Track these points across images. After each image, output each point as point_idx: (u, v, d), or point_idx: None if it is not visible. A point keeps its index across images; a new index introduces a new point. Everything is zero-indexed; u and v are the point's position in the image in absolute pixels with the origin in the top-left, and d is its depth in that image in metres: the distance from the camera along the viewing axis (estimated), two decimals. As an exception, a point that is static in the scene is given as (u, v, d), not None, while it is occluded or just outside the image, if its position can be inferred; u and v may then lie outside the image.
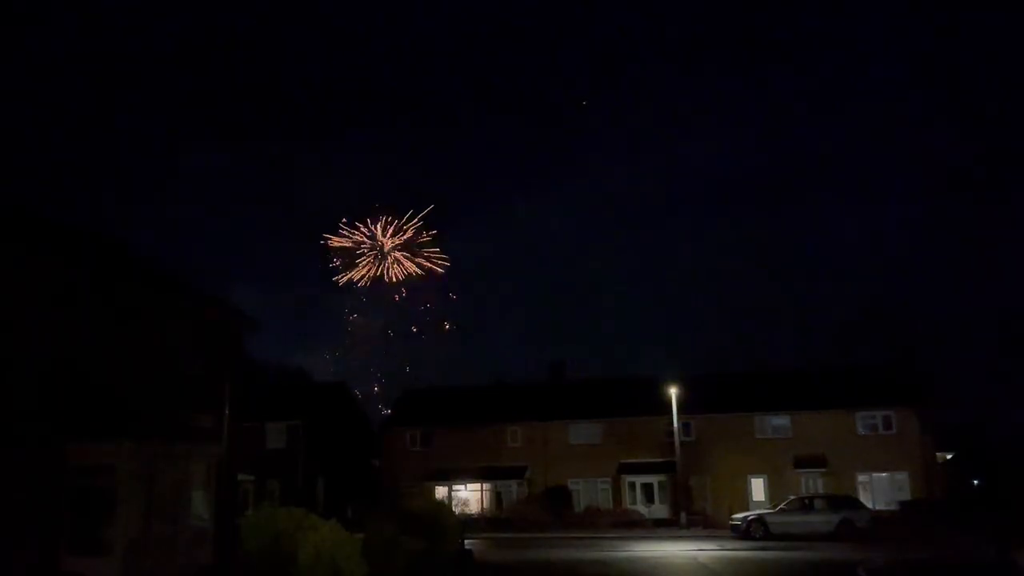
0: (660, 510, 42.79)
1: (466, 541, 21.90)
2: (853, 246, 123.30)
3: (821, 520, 30.17)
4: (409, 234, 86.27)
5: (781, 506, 31.96)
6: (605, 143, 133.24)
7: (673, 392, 40.80)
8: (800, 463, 41.67)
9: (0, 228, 15.07)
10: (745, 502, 40.53)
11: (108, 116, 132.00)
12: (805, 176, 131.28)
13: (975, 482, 49.04)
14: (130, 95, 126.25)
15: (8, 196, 18.87)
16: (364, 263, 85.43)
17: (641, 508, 43.18)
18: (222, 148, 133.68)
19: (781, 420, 43.12)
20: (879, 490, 40.46)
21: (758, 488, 42.23)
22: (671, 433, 41.55)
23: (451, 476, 45.75)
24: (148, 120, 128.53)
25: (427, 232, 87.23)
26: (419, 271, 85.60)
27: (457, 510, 36.33)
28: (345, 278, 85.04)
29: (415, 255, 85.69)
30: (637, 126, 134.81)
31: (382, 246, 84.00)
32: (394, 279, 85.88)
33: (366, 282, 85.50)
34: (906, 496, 39.65)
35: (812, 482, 41.12)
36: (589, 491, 44.58)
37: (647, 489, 43.69)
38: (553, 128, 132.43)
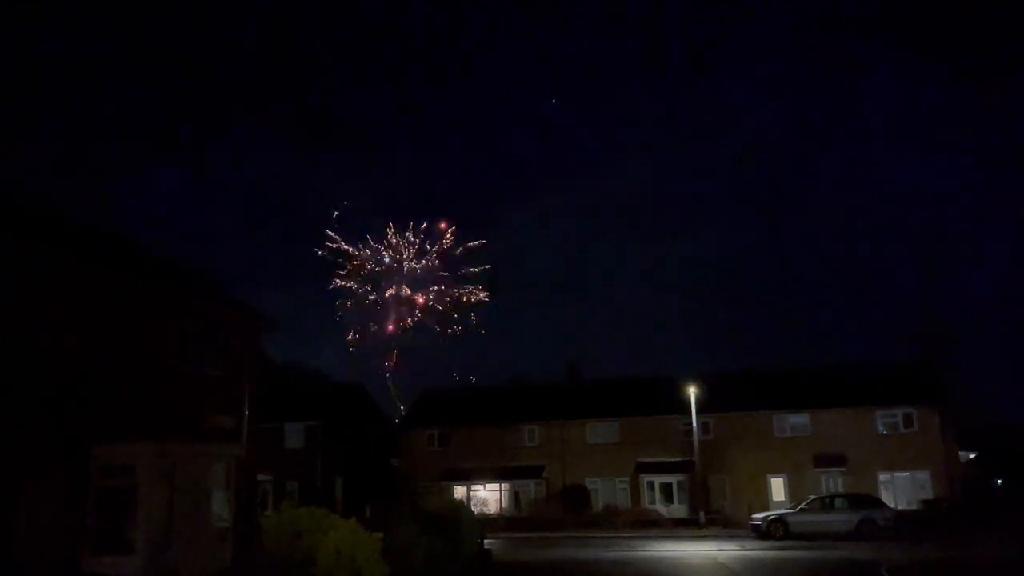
0: (679, 509, 42.62)
1: (485, 541, 21.93)
2: (875, 240, 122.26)
3: (842, 519, 29.96)
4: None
5: (801, 505, 31.77)
6: (616, 142, 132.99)
7: (691, 391, 40.65)
8: (820, 462, 41.35)
9: (23, 229, 15.25)
10: (765, 501, 40.31)
11: (126, 115, 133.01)
12: (824, 168, 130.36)
13: (998, 481, 48.51)
14: (137, 91, 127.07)
15: (30, 198, 19.07)
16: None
17: (660, 507, 43.05)
18: (233, 151, 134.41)
19: (800, 418, 42.82)
20: (901, 489, 40.08)
21: (778, 487, 41.95)
22: (689, 432, 41.43)
23: (469, 476, 45.81)
24: (157, 121, 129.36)
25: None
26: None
27: (476, 510, 36.37)
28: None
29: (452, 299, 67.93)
30: (647, 124, 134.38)
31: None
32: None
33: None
34: (928, 495, 39.24)
35: (832, 481, 40.80)
36: (607, 490, 44.48)
37: (666, 488, 43.55)
38: (562, 128, 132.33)
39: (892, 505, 34.99)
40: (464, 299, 65.80)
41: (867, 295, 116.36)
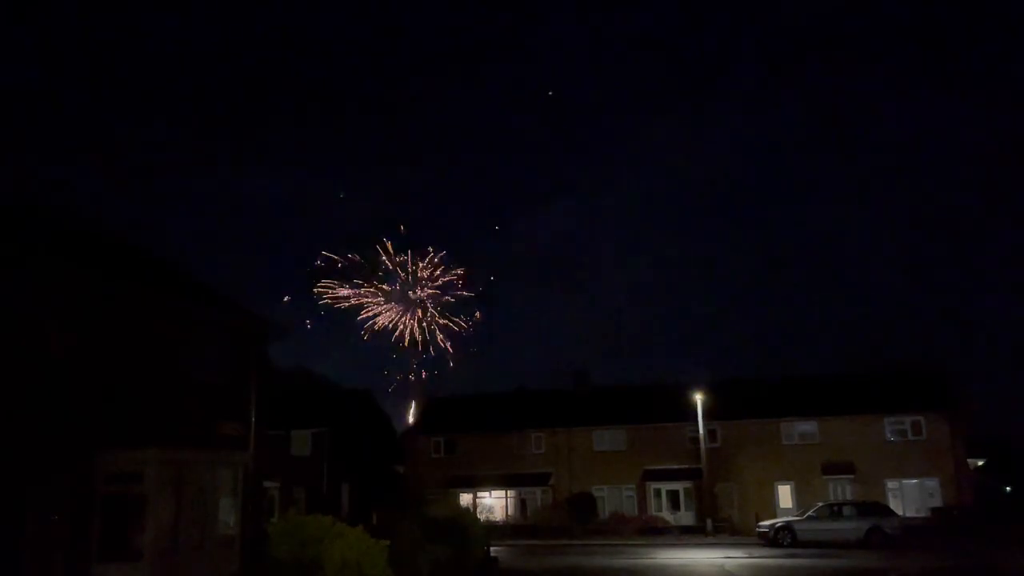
0: (686, 517, 42.47)
1: (491, 548, 21.90)
2: (884, 248, 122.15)
3: (850, 527, 29.81)
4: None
5: (809, 513, 31.62)
6: (621, 148, 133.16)
7: (698, 398, 40.53)
8: (828, 469, 41.16)
9: (29, 236, 15.31)
10: (772, 509, 40.10)
11: (141, 127, 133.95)
12: (828, 176, 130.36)
13: (1007, 489, 48.22)
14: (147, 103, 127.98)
15: (41, 207, 19.17)
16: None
17: (667, 515, 42.87)
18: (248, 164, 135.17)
19: (808, 426, 42.62)
20: (909, 497, 39.86)
21: (785, 495, 41.77)
22: (696, 439, 41.29)
23: (475, 483, 45.75)
24: (161, 129, 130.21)
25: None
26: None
27: (482, 517, 36.28)
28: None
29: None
30: (653, 130, 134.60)
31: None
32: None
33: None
34: (937, 503, 39.02)
35: (840, 489, 40.61)
36: (614, 498, 44.34)
37: (673, 496, 43.40)
38: (567, 134, 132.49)
39: (901, 513, 34.80)
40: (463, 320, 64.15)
41: (875, 302, 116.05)
